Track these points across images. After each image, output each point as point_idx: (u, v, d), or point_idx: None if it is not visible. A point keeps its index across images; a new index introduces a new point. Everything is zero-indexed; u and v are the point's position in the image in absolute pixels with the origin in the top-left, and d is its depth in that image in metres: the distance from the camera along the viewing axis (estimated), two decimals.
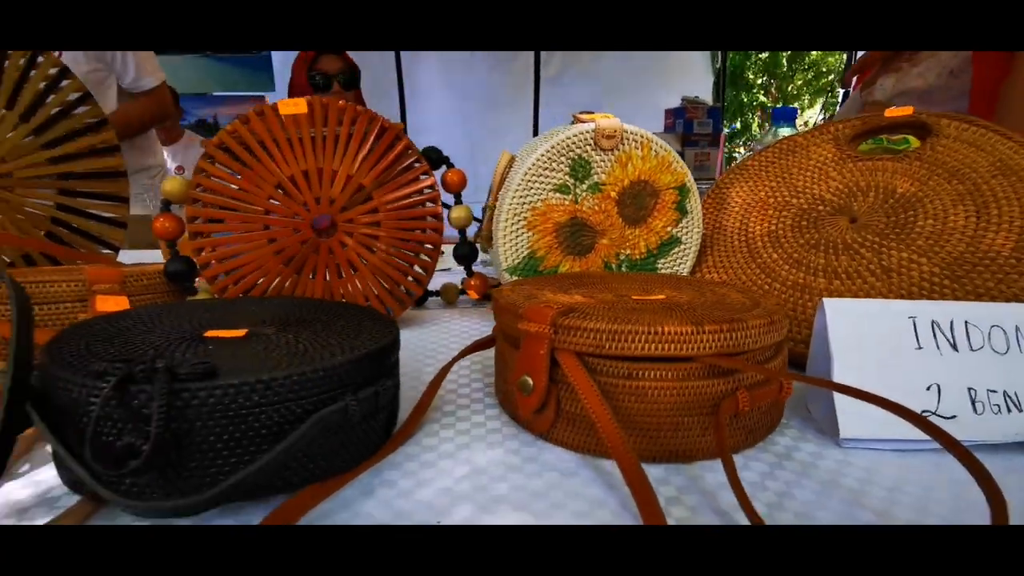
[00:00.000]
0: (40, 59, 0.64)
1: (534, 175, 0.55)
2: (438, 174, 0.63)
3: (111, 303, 0.50)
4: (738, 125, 8.68)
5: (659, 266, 0.61)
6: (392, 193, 0.60)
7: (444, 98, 3.59)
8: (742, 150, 8.30)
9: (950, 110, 0.78)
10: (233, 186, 0.55)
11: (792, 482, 0.34)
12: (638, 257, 0.60)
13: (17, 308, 0.33)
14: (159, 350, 0.35)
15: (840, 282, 0.51)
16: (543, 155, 0.55)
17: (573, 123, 0.59)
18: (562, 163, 0.56)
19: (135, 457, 0.30)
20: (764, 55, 8.08)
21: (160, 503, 0.28)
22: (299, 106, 0.55)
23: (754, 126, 8.61)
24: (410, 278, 0.62)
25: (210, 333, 0.39)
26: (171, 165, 2.41)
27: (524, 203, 0.56)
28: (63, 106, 0.66)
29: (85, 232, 0.69)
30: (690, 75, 3.71)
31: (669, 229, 0.61)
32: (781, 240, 0.58)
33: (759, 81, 8.46)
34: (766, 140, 0.96)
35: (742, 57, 8.09)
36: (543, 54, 3.54)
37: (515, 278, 0.57)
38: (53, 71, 0.65)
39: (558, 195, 0.57)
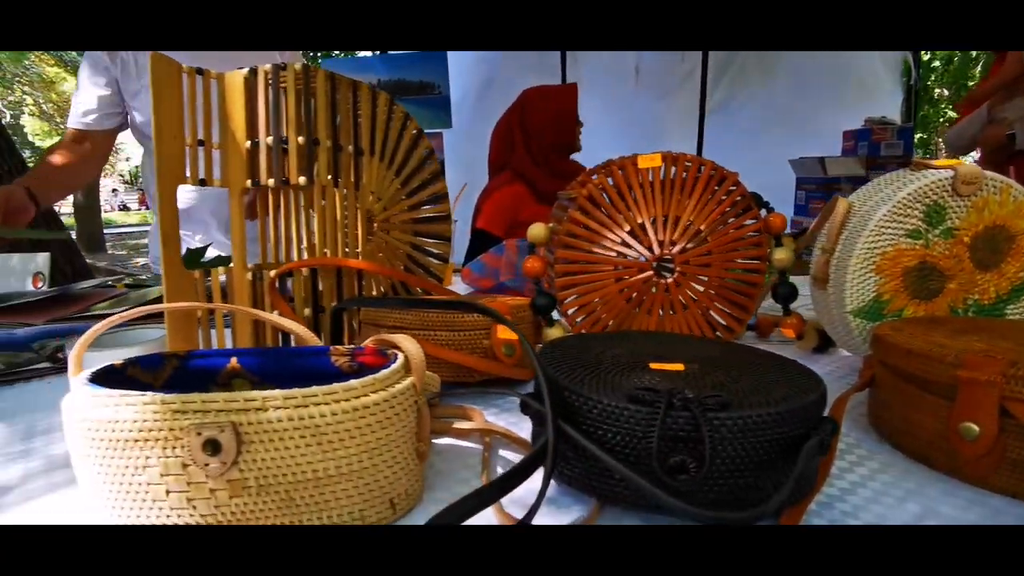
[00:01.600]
0: (408, 122, 0.77)
1: (888, 221, 0.57)
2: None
3: (506, 331, 0.59)
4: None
5: (1007, 312, 0.59)
6: (724, 235, 0.64)
7: (608, 128, 3.67)
8: None
9: None
10: (592, 231, 0.62)
11: None
12: (987, 302, 0.59)
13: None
14: (657, 380, 0.41)
15: None
16: (900, 202, 0.56)
17: (913, 168, 0.60)
18: (916, 209, 0.57)
19: (682, 471, 0.35)
20: (952, 64, 7.28)
21: (723, 514, 0.34)
22: (655, 160, 0.61)
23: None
24: (732, 314, 0.66)
25: (654, 365, 0.45)
26: None
27: (875, 249, 0.57)
28: (420, 160, 0.79)
29: (423, 265, 0.81)
30: (873, 94, 3.46)
31: (1022, 275, 0.59)
32: None
33: (946, 93, 7.64)
34: None
35: (925, 70, 7.36)
36: (710, 81, 3.50)
37: (859, 321, 0.58)
38: (414, 131, 0.78)
39: (909, 240, 0.57)
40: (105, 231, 10.98)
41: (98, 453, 0.36)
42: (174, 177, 0.62)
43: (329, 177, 0.66)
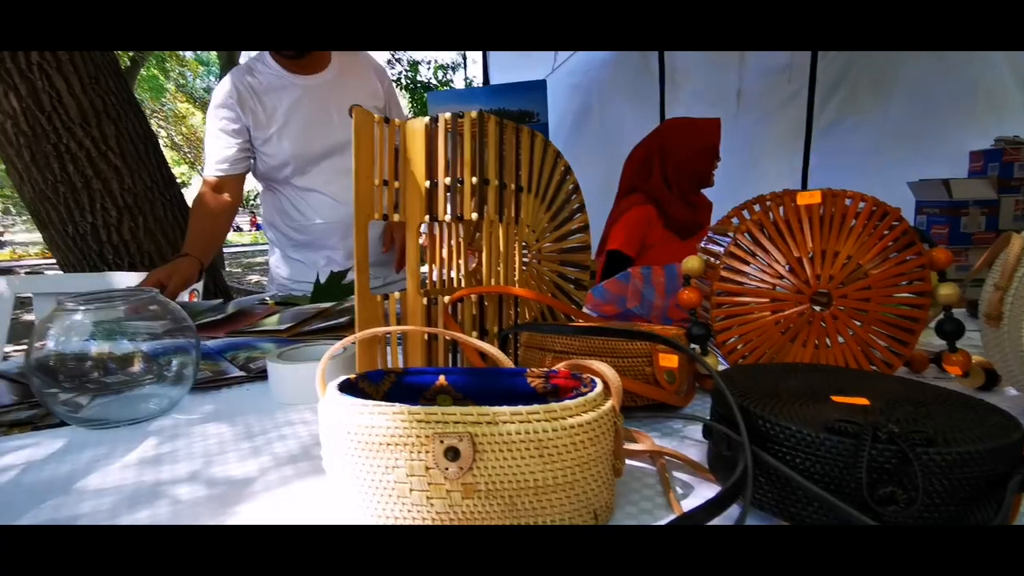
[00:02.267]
0: (558, 160, 0.83)
1: None
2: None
3: (667, 359, 0.62)
4: None
5: None
6: (885, 270, 0.64)
7: None
8: None
9: None
10: (750, 265, 0.65)
11: None
12: None
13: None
14: (864, 412, 0.43)
15: None
16: None
17: None
18: None
19: (892, 502, 0.37)
20: None
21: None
22: (814, 197, 0.63)
23: None
24: (891, 349, 0.66)
25: (837, 398, 0.47)
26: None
27: None
28: (568, 195, 0.84)
29: (566, 292, 0.86)
30: (1003, 111, 3.19)
31: None
32: None
33: None
34: None
35: None
36: (818, 101, 3.38)
37: None
38: (563, 168, 0.84)
39: None
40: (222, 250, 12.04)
41: (355, 453, 0.43)
42: (366, 213, 0.71)
43: (496, 213, 0.73)
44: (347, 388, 0.49)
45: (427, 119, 0.72)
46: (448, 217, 0.71)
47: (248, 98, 1.41)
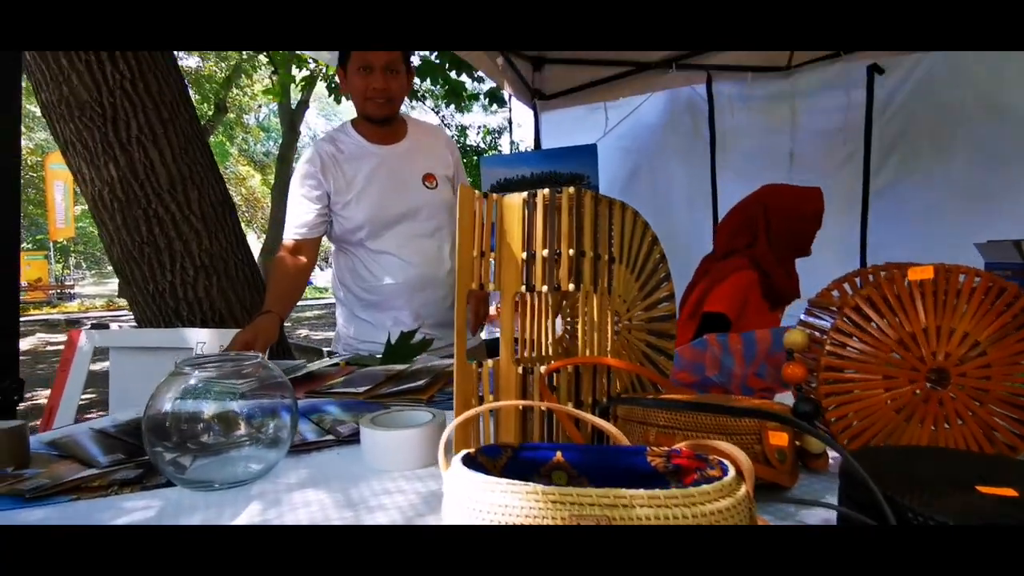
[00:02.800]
0: (646, 231, 0.84)
1: None
2: None
3: (778, 437, 0.60)
4: None
5: None
6: (1005, 348, 0.62)
7: None
8: None
9: None
10: (859, 340, 0.63)
11: None
12: None
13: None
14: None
15: None
16: None
17: None
18: None
19: None
20: None
21: None
22: (926, 272, 0.62)
23: None
24: (1015, 432, 0.62)
25: (983, 488, 0.45)
26: None
27: None
28: (655, 264, 0.85)
29: (653, 362, 0.86)
30: None
31: None
32: None
33: None
34: None
35: None
36: (874, 161, 3.34)
37: None
38: (651, 238, 0.85)
39: None
40: None
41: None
42: (466, 282, 0.73)
43: (591, 283, 0.74)
44: (468, 463, 0.49)
45: (524, 195, 0.75)
46: (546, 288, 0.73)
47: (331, 166, 1.50)
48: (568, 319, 0.90)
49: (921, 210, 3.33)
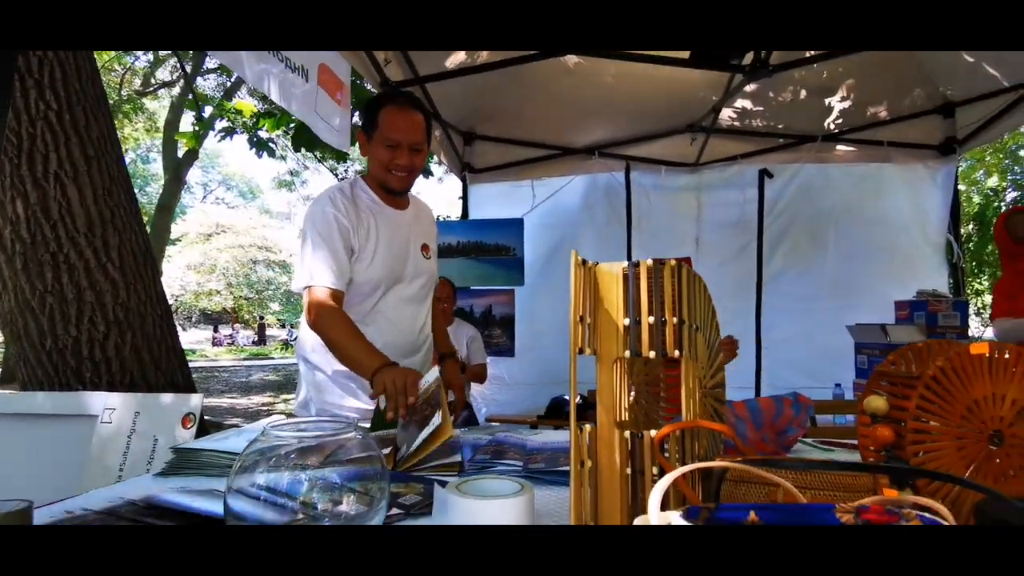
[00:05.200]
0: (706, 291, 0.91)
1: None
2: None
3: (892, 493, 0.66)
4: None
5: None
6: None
7: None
8: None
9: None
10: (938, 407, 0.73)
11: None
12: None
13: None
14: None
15: None
16: None
17: None
18: None
19: None
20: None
21: None
22: (983, 348, 0.73)
23: None
24: None
25: None
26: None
27: None
28: (716, 330, 0.91)
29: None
30: (917, 268, 3.73)
31: None
32: None
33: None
34: None
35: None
36: (765, 252, 3.81)
37: None
38: (712, 303, 0.92)
39: None
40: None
41: None
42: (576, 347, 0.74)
43: (690, 350, 0.78)
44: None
45: (624, 264, 0.79)
46: (653, 353, 0.75)
47: (356, 221, 1.44)
48: (635, 385, 0.92)
49: (803, 296, 3.82)
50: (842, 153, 3.74)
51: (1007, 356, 0.74)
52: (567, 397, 3.76)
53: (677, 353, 0.75)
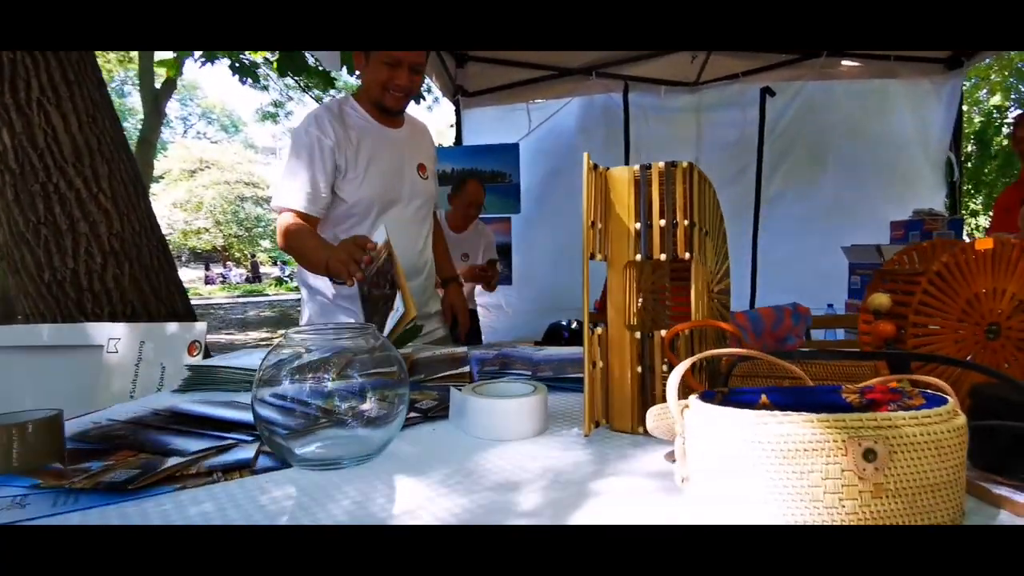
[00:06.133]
0: (717, 198, 0.91)
1: None
2: None
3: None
4: None
5: None
6: None
7: None
8: None
9: None
10: (940, 300, 0.75)
11: None
12: None
13: None
14: None
15: None
16: None
17: None
18: None
19: None
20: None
21: None
22: (988, 243, 0.74)
23: None
24: None
25: None
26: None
27: None
28: (723, 237, 0.92)
29: None
30: (918, 187, 3.72)
31: None
32: None
33: None
34: None
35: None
36: (765, 174, 3.77)
37: None
38: (720, 209, 0.92)
39: None
40: None
41: (766, 461, 0.46)
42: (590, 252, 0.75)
43: (700, 252, 0.79)
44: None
45: (635, 168, 0.78)
46: (664, 256, 0.76)
47: (343, 141, 1.40)
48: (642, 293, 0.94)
49: (800, 217, 3.82)
50: (847, 69, 3.63)
51: (1012, 252, 0.75)
52: (564, 322, 3.82)
53: (687, 256, 0.76)
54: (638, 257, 0.77)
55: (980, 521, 0.51)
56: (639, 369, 0.76)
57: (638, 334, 0.77)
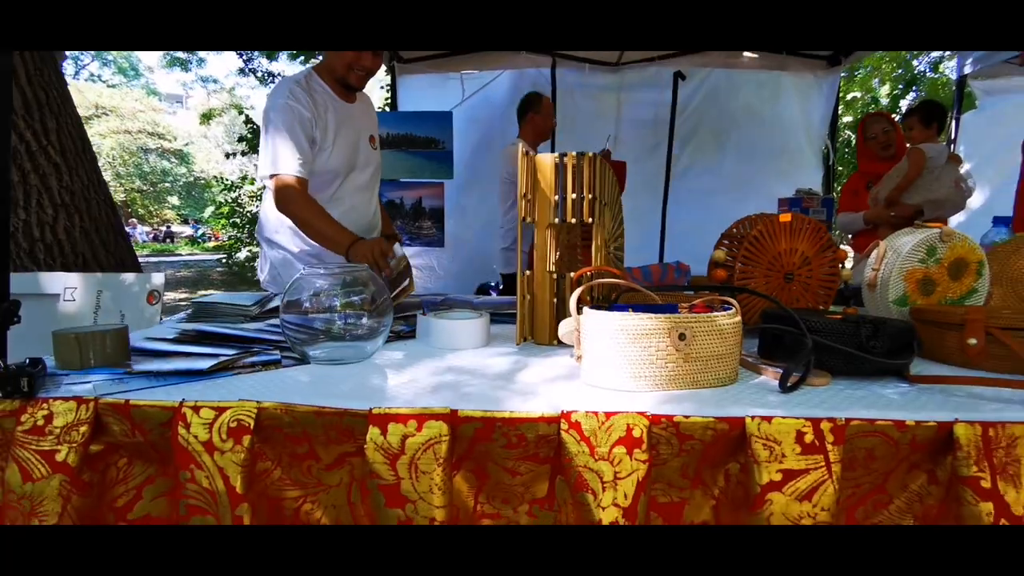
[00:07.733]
0: (615, 179, 1.23)
1: (909, 254, 1.09)
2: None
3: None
4: None
5: (966, 303, 1.12)
6: (821, 259, 1.14)
7: None
8: None
9: None
10: (757, 254, 1.11)
11: None
12: (955, 298, 1.12)
13: None
14: None
15: None
16: (915, 244, 1.09)
17: (916, 227, 1.13)
18: (922, 247, 1.09)
19: (876, 348, 0.83)
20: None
21: (894, 361, 0.81)
22: (787, 218, 1.11)
23: None
24: (820, 296, 1.16)
25: (828, 316, 0.93)
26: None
27: (903, 269, 1.09)
28: (619, 209, 1.24)
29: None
30: (801, 168, 4.28)
31: (971, 283, 1.12)
32: None
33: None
34: None
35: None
36: (675, 150, 4.19)
37: (898, 308, 1.09)
38: (618, 188, 1.24)
39: (919, 264, 1.10)
40: None
41: (623, 342, 0.79)
42: (545, 220, 1.05)
43: (600, 217, 1.10)
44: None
45: (557, 156, 1.08)
46: (574, 220, 1.07)
47: (318, 113, 1.57)
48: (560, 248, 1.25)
49: (704, 192, 4.28)
50: (747, 60, 4.08)
51: (803, 224, 1.13)
52: (492, 283, 4.12)
53: (590, 220, 1.07)
54: (556, 220, 1.08)
55: (746, 380, 0.87)
56: (555, 300, 1.08)
57: (555, 275, 1.08)
